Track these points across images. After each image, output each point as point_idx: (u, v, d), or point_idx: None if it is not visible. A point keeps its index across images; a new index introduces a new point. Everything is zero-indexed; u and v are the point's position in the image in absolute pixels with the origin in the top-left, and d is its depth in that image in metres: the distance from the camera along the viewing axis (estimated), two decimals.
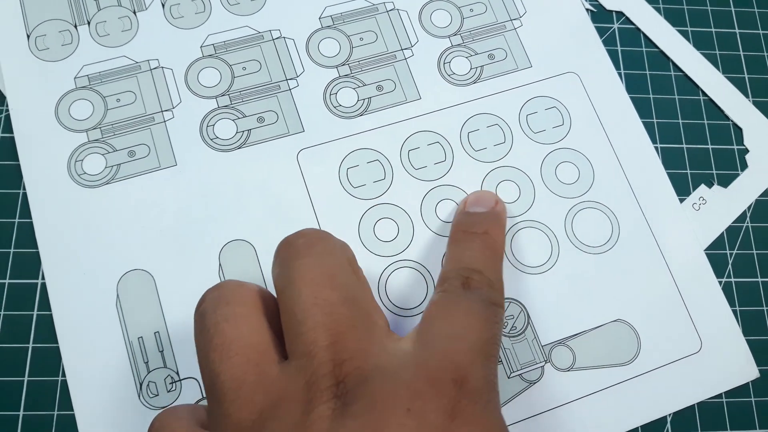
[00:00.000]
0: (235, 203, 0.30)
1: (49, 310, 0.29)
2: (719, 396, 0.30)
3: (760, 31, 0.37)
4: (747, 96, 0.36)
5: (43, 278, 0.29)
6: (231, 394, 0.20)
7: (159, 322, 0.29)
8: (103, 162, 0.30)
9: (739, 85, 0.36)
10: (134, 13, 0.33)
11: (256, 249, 0.30)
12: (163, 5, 0.33)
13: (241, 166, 0.31)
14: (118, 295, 0.29)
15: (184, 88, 0.32)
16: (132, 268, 0.29)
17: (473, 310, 0.24)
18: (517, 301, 0.30)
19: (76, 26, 0.32)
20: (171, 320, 0.29)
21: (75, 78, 0.32)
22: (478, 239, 0.28)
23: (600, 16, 0.36)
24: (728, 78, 0.36)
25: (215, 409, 0.20)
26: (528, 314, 0.30)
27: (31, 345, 0.29)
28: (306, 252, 0.22)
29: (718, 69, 0.36)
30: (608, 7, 0.36)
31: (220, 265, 0.29)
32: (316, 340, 0.20)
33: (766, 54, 0.37)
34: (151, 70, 0.32)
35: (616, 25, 0.36)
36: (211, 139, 0.31)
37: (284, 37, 0.33)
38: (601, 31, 0.36)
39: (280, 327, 0.22)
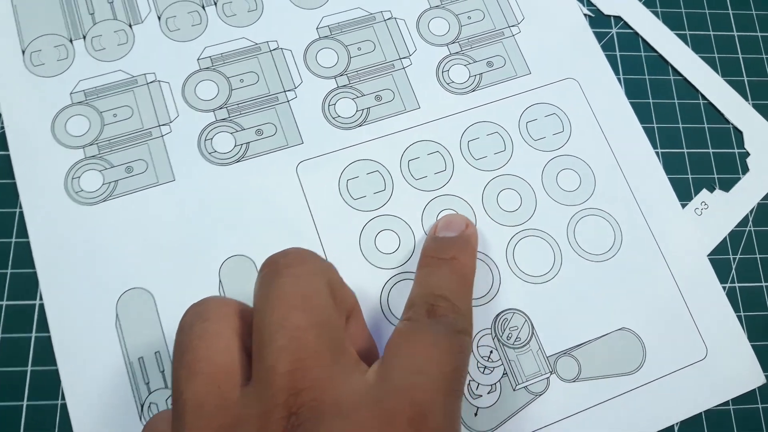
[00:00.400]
0: (235, 218, 0.30)
1: (48, 331, 0.28)
2: (726, 403, 0.30)
3: (759, 34, 0.37)
4: (747, 99, 0.35)
5: (41, 299, 0.29)
6: (190, 414, 0.20)
7: (159, 342, 0.28)
8: (100, 178, 0.30)
9: (739, 88, 0.36)
10: (130, 26, 0.33)
11: (257, 264, 0.29)
12: (159, 18, 0.33)
13: (240, 180, 0.31)
14: (117, 315, 0.28)
15: (181, 102, 0.32)
16: (131, 287, 0.29)
17: (437, 341, 0.23)
18: (520, 311, 0.30)
19: (71, 40, 0.32)
20: (172, 340, 0.28)
21: (71, 93, 0.31)
22: (445, 265, 0.27)
23: (598, 21, 0.36)
24: (727, 81, 0.36)
25: (176, 425, 0.20)
26: (532, 325, 0.30)
27: (29, 368, 0.28)
28: (285, 272, 0.22)
29: (718, 72, 0.36)
30: (606, 12, 0.36)
31: (220, 281, 0.29)
32: (275, 365, 0.19)
33: (765, 56, 0.36)
34: (147, 84, 0.32)
35: (614, 30, 0.36)
36: (210, 153, 0.31)
37: (281, 48, 0.33)
38: (599, 37, 0.35)
39: None
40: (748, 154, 0.34)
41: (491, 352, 0.29)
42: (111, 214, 0.30)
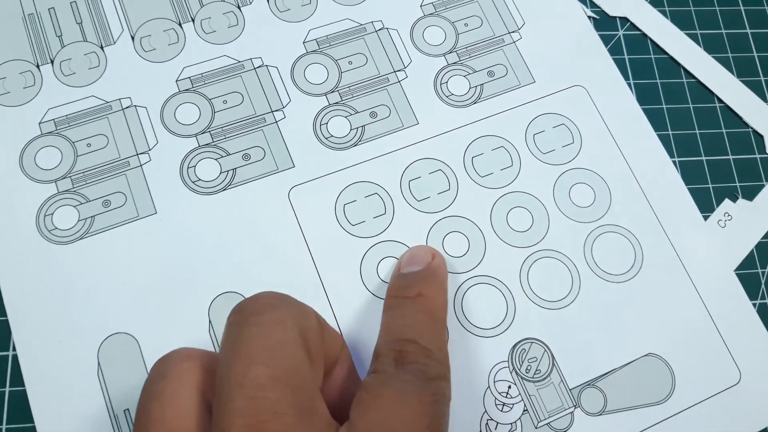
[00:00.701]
0: (224, 251, 0.28)
1: (23, 385, 0.26)
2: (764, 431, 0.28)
3: None
4: (765, 100, 0.33)
5: (14, 349, 0.26)
6: None
7: None
8: (75, 215, 0.28)
9: (756, 89, 0.33)
10: (101, 48, 0.30)
11: None
12: (132, 38, 0.30)
13: (227, 210, 0.28)
14: (99, 364, 0.26)
15: (160, 128, 0.29)
16: (113, 332, 0.26)
17: (407, 395, 0.21)
18: (539, 341, 0.28)
19: (38, 66, 0.30)
20: None
21: (40, 123, 0.29)
22: (410, 304, 0.25)
23: (603, 23, 0.34)
24: (744, 82, 0.34)
25: None
26: (552, 355, 0.28)
27: (4, 426, 0.26)
28: (252, 320, 0.20)
29: (733, 73, 0.34)
30: (611, 13, 0.34)
31: (210, 321, 0.27)
32: (229, 426, 0.18)
33: None
34: (123, 109, 0.29)
35: (621, 32, 0.34)
36: (193, 182, 0.28)
37: (266, 66, 0.31)
38: (605, 40, 0.33)
39: None
40: None
41: (509, 387, 0.27)
42: (88, 253, 0.27)
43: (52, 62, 0.30)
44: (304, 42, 0.31)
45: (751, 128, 0.33)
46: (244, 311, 0.21)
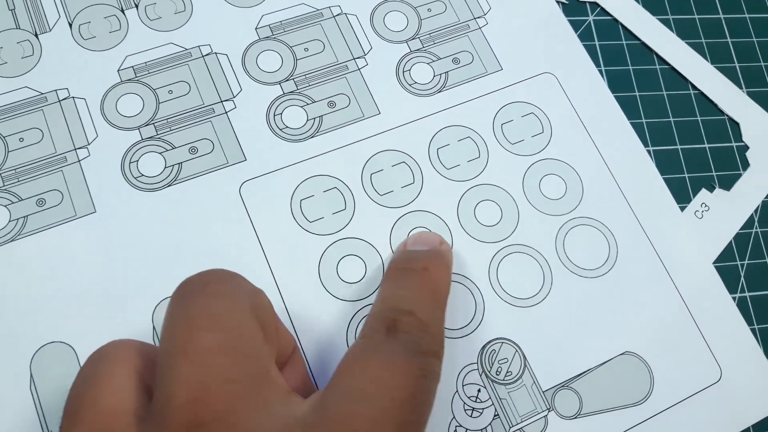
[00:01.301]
0: (169, 252, 0.26)
1: None
2: (746, 430, 0.27)
3: (747, 15, 0.34)
4: (740, 87, 0.32)
5: None
6: None
7: None
8: (6, 215, 0.26)
9: (731, 75, 0.32)
10: (36, 36, 0.28)
11: None
12: (70, 25, 0.28)
13: (173, 207, 0.26)
14: (32, 376, 0.24)
15: (100, 120, 0.27)
16: (47, 342, 0.24)
17: (392, 362, 0.19)
18: (510, 341, 0.26)
19: None
20: None
21: None
22: (414, 276, 0.24)
23: (573, 8, 0.32)
24: (718, 68, 0.32)
25: None
26: (524, 356, 0.26)
27: None
28: (197, 290, 0.19)
29: (707, 59, 0.32)
30: None
31: (154, 328, 0.25)
32: (172, 395, 0.17)
33: (755, 40, 0.33)
34: (59, 101, 0.27)
35: (591, 18, 0.32)
36: (136, 178, 0.26)
37: (216, 53, 0.29)
38: (575, 25, 0.32)
39: None
40: (747, 147, 0.31)
41: (479, 390, 0.25)
42: (20, 256, 0.25)
43: None
44: (256, 28, 0.29)
45: (727, 115, 0.32)
46: (189, 285, 0.19)
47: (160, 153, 0.27)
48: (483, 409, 0.25)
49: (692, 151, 0.31)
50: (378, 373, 0.19)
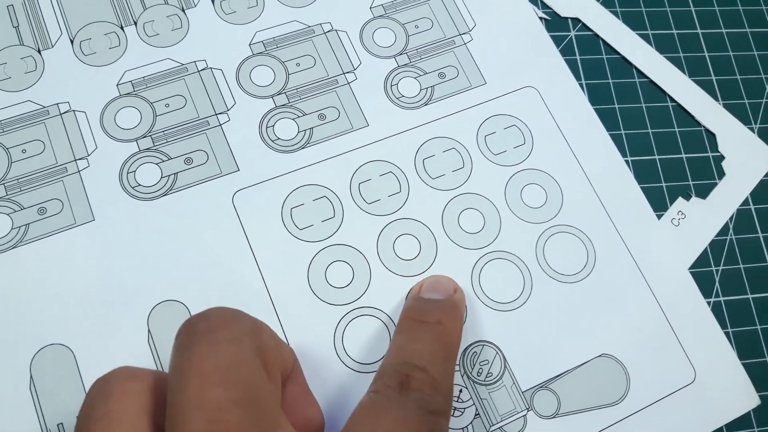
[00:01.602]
0: (164, 258, 0.27)
1: None
2: (720, 430, 0.28)
3: (723, 30, 0.35)
4: (717, 99, 0.33)
5: None
6: None
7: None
8: (8, 223, 0.27)
9: (708, 88, 0.33)
10: (39, 51, 0.29)
11: (191, 310, 0.26)
12: (72, 42, 0.30)
13: (168, 216, 0.27)
14: (32, 376, 0.25)
15: (99, 132, 0.28)
16: (47, 344, 0.25)
17: (403, 420, 0.20)
18: (490, 343, 0.27)
19: None
20: None
21: None
22: (428, 329, 0.24)
23: (555, 24, 0.34)
24: (695, 81, 0.33)
25: None
26: (504, 357, 0.27)
27: None
28: (204, 338, 0.18)
29: (684, 72, 0.34)
30: (563, 14, 0.34)
31: (149, 331, 0.26)
32: None
33: (732, 54, 0.34)
34: (61, 114, 0.28)
35: (573, 33, 0.34)
36: (133, 188, 0.28)
37: (211, 68, 0.30)
38: (557, 41, 0.33)
39: None
40: (722, 157, 0.32)
41: (460, 391, 0.26)
42: (22, 262, 0.26)
43: None
44: (250, 44, 0.31)
45: (704, 127, 0.33)
46: (195, 328, 0.19)
47: (156, 164, 0.28)
48: (464, 408, 0.26)
49: (670, 161, 0.32)
50: (390, 428, 0.20)
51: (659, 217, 0.30)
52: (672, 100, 0.33)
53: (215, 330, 0.19)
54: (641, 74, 0.33)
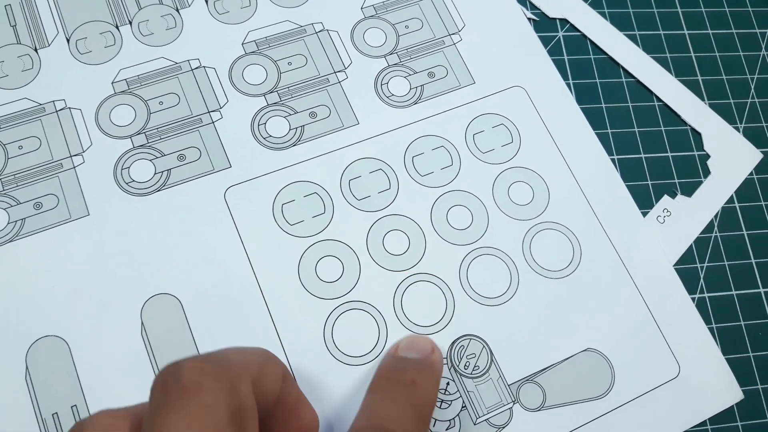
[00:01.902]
0: (157, 253, 0.27)
1: None
2: (703, 423, 0.28)
3: (709, 31, 0.36)
4: (703, 99, 0.34)
5: None
6: None
7: (76, 395, 0.25)
8: (5, 217, 0.27)
9: (694, 87, 0.34)
10: (36, 50, 0.30)
11: (183, 303, 0.27)
12: (68, 40, 0.30)
13: (161, 211, 0.28)
14: (27, 367, 0.25)
15: (95, 129, 0.29)
16: (42, 335, 0.26)
17: None
18: (478, 337, 0.28)
19: None
20: (90, 391, 0.25)
21: None
22: (402, 390, 0.23)
23: (543, 25, 0.34)
24: (682, 81, 0.34)
25: None
26: (491, 351, 0.27)
27: None
28: (178, 404, 0.17)
29: (671, 73, 0.34)
30: (551, 15, 0.34)
31: (142, 324, 0.26)
32: None
33: (717, 54, 0.35)
34: (57, 111, 0.29)
35: (560, 33, 0.34)
36: (127, 183, 0.28)
37: (204, 67, 0.30)
38: (545, 41, 0.34)
39: None
40: (708, 156, 0.33)
41: (448, 383, 0.27)
42: (18, 256, 0.27)
43: None
44: (243, 43, 0.31)
45: (689, 126, 0.33)
46: (168, 389, 0.18)
47: (150, 160, 0.29)
48: (451, 401, 0.27)
49: (656, 160, 0.32)
50: None
51: (645, 214, 0.31)
52: (658, 99, 0.34)
53: (190, 394, 0.18)
54: (628, 74, 0.34)
